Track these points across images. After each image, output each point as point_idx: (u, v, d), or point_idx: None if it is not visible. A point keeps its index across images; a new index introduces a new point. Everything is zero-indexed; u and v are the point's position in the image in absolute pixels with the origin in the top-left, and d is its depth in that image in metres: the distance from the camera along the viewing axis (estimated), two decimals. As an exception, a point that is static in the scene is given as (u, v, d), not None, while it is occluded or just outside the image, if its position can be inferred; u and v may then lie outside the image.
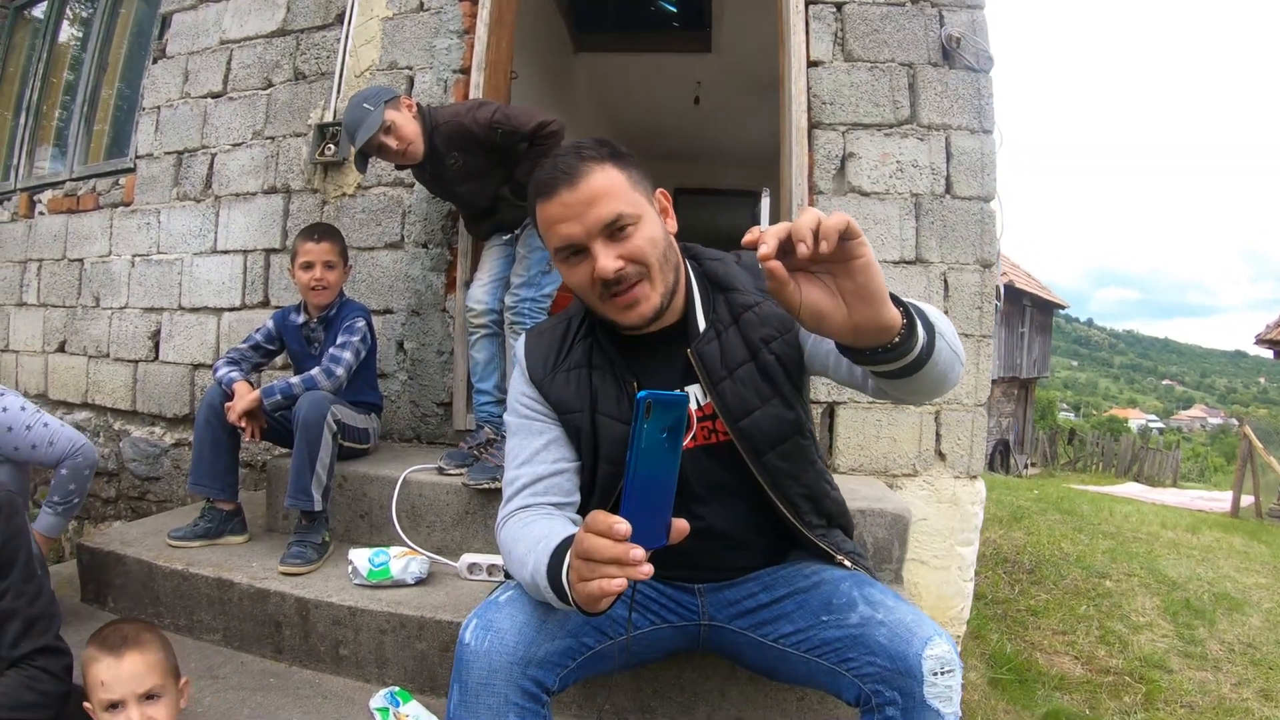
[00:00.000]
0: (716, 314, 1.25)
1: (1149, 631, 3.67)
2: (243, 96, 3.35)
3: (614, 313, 1.16)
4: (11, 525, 1.46)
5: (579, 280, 1.15)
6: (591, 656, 1.18)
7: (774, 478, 1.23)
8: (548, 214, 1.13)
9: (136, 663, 1.29)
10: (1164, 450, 19.04)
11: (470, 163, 2.35)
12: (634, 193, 1.15)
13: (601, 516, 0.81)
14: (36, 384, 3.99)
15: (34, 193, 4.18)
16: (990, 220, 2.56)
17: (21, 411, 2.02)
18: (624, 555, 0.80)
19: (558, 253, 1.16)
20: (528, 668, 1.07)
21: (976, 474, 2.51)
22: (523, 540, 1.12)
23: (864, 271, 0.82)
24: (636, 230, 1.12)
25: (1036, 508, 6.95)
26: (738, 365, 1.22)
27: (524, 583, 1.10)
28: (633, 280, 1.13)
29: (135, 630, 1.34)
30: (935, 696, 1.03)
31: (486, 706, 1.05)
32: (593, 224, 1.10)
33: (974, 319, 2.52)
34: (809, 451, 1.27)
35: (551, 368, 1.28)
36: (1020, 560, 4.79)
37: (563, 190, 1.11)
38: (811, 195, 2.55)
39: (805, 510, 1.27)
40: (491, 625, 1.09)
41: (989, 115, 2.58)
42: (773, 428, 1.22)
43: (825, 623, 1.16)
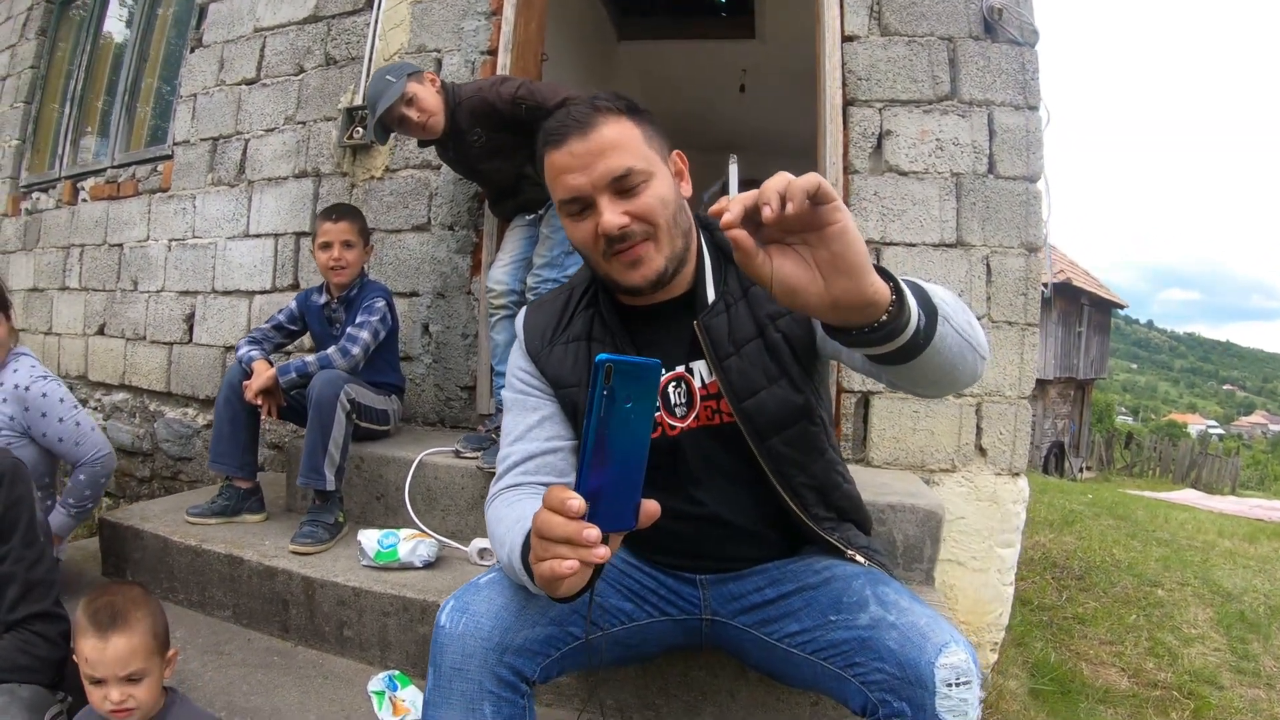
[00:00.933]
0: (727, 286, 1.16)
1: (1200, 644, 3.49)
2: (275, 83, 3.37)
3: (617, 272, 1.09)
4: (14, 491, 1.47)
5: (583, 236, 1.09)
6: (578, 647, 1.10)
7: (778, 464, 1.14)
8: (555, 163, 1.07)
9: (121, 647, 1.26)
10: (1223, 457, 18.29)
11: (493, 140, 2.30)
12: (647, 149, 1.08)
13: (556, 491, 0.73)
14: (77, 366, 4.08)
15: (77, 180, 4.29)
16: (1036, 202, 2.41)
17: (60, 403, 2.04)
18: (576, 535, 0.72)
19: (562, 206, 1.09)
20: (504, 655, 1.01)
21: (1019, 471, 2.37)
22: (504, 520, 1.05)
23: (839, 239, 0.73)
24: (647, 188, 1.06)
25: (1089, 512, 6.71)
26: (745, 341, 1.13)
27: (503, 565, 1.04)
28: (637, 239, 1.06)
29: (125, 605, 1.30)
30: (949, 710, 0.93)
31: (460, 693, 0.99)
32: (600, 177, 1.04)
33: (1018, 306, 2.37)
34: (818, 439, 1.17)
35: (549, 340, 1.21)
36: (1070, 565, 4.60)
37: (573, 139, 1.05)
38: (846, 175, 2.44)
39: (811, 502, 1.17)
40: (468, 608, 1.03)
41: (1034, 91, 2.43)
42: (779, 410, 1.12)
43: (833, 623, 1.07)
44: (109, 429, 3.84)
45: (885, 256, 2.42)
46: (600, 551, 0.72)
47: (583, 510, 0.72)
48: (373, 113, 2.24)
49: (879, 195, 2.44)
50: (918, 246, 2.41)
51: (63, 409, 2.04)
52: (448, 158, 2.51)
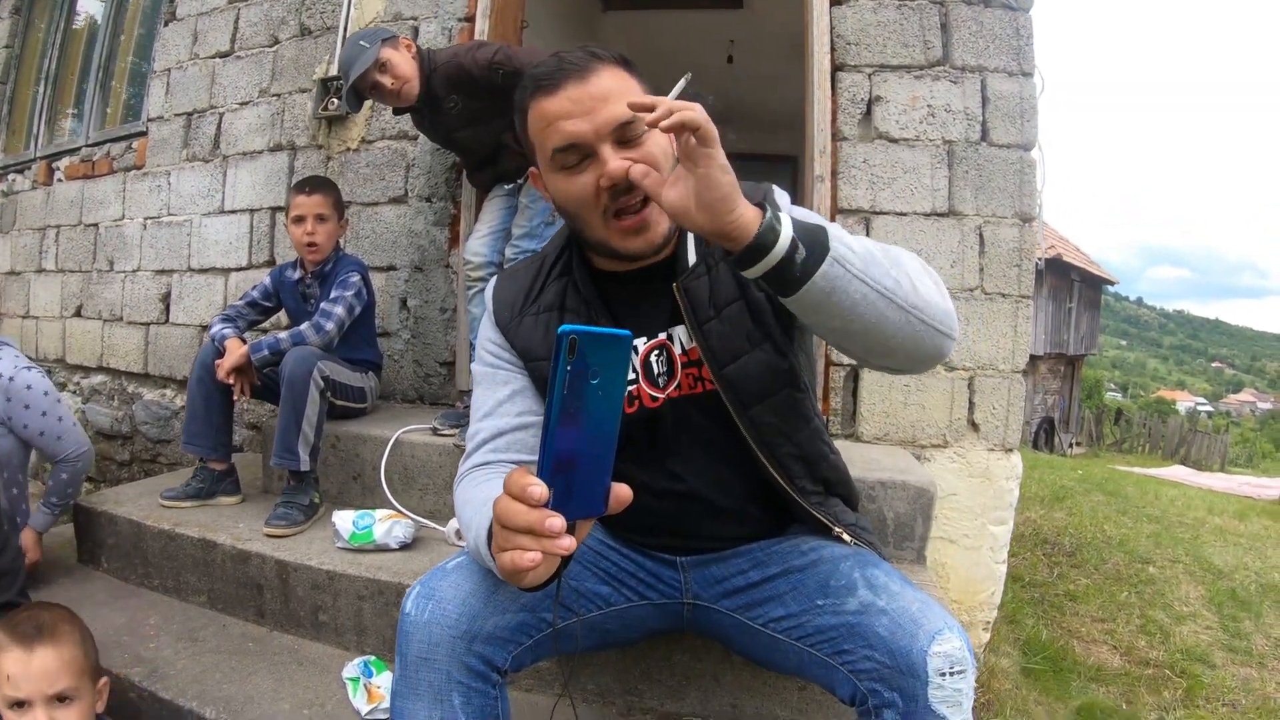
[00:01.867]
0: (709, 247, 1.08)
1: (1192, 623, 3.49)
2: (250, 55, 3.27)
3: (617, 238, 1.00)
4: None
5: (580, 191, 0.98)
6: (551, 634, 1.04)
7: (762, 434, 1.08)
8: (549, 109, 0.97)
9: (49, 659, 1.16)
10: (1212, 434, 18.41)
11: (470, 107, 2.22)
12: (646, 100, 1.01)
13: (517, 476, 0.67)
14: (55, 349, 4.00)
15: (52, 160, 4.18)
16: (1030, 170, 2.34)
17: (44, 396, 2.00)
18: (538, 524, 0.66)
19: (556, 156, 0.98)
20: (473, 643, 0.96)
21: (1012, 447, 2.33)
22: (471, 501, 0.99)
23: (703, 180, 0.84)
24: (649, 138, 0.98)
25: (1080, 488, 6.71)
26: (726, 304, 1.06)
27: (470, 549, 0.98)
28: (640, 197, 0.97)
29: (53, 620, 1.22)
30: (941, 701, 0.88)
31: (427, 683, 0.94)
32: (604, 123, 0.95)
33: (1011, 278, 2.32)
34: (803, 407, 1.10)
35: (518, 311, 1.14)
36: (1061, 542, 4.59)
37: (570, 83, 0.96)
38: (835, 141, 2.37)
39: (798, 474, 1.11)
40: (434, 594, 0.98)
41: (1029, 57, 2.36)
42: (762, 376, 1.06)
43: (820, 607, 1.01)
44: (87, 412, 3.77)
45: (875, 225, 2.36)
46: (564, 543, 0.67)
47: (544, 498, 0.66)
48: (346, 80, 2.17)
49: (868, 163, 2.37)
50: (908, 215, 2.34)
51: (46, 402, 2.00)
52: (424, 126, 2.43)
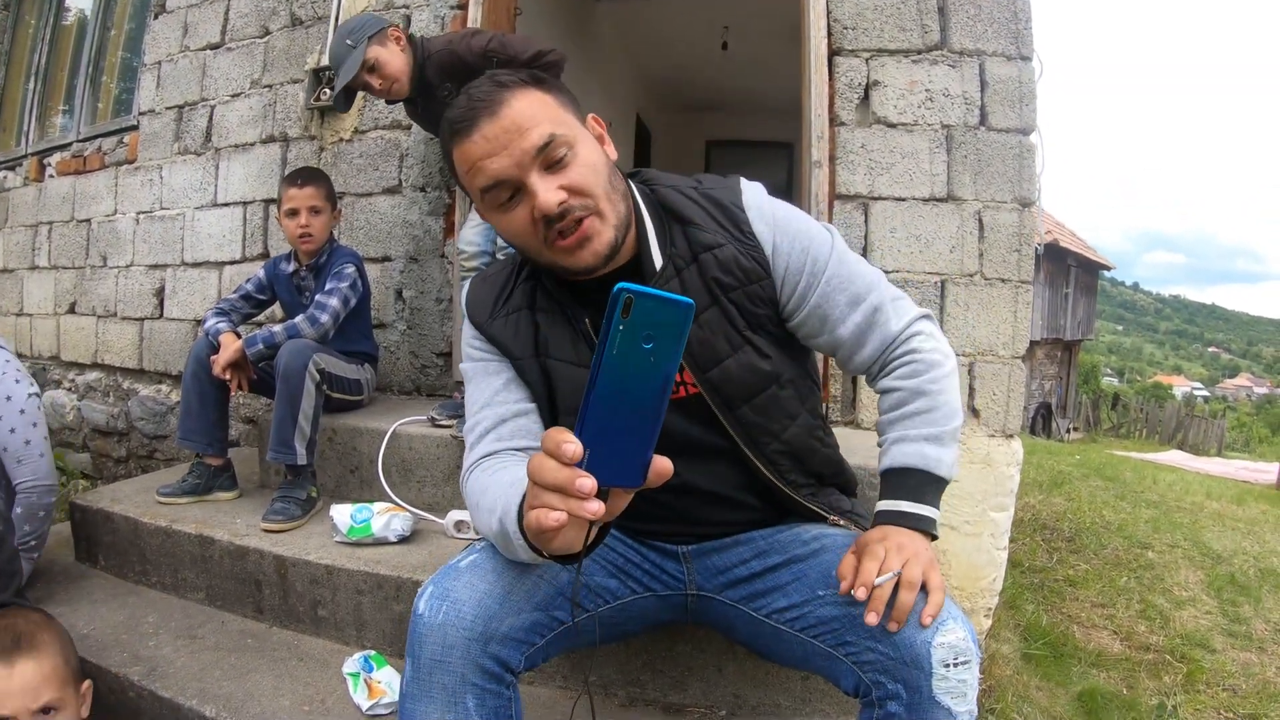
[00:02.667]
0: (675, 248, 1.06)
1: (1191, 607, 3.49)
2: (240, 46, 3.25)
3: (563, 257, 0.98)
4: None
5: (518, 226, 0.98)
6: (564, 631, 1.03)
7: (750, 433, 1.07)
8: (468, 153, 0.96)
9: (30, 672, 1.13)
10: (1209, 419, 18.45)
11: None
12: (564, 113, 0.99)
13: (553, 432, 0.64)
14: (50, 346, 3.97)
15: (43, 156, 4.15)
16: (1030, 155, 2.32)
17: (20, 414, 1.86)
18: (568, 483, 0.63)
19: (486, 196, 0.97)
20: (488, 644, 0.94)
21: (1013, 433, 2.32)
22: (492, 487, 0.97)
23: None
24: (574, 156, 0.96)
25: (1078, 473, 6.72)
26: (702, 309, 1.04)
27: (492, 536, 0.96)
28: (579, 215, 0.96)
29: (30, 628, 1.18)
30: (946, 692, 0.87)
31: (440, 686, 0.92)
32: (525, 152, 0.94)
33: (1011, 263, 2.30)
34: (789, 404, 1.09)
35: (490, 314, 1.12)
36: (1059, 527, 4.60)
37: (482, 121, 0.94)
38: (833, 126, 2.35)
39: (787, 469, 1.10)
40: (448, 595, 0.95)
41: (1027, 40, 2.33)
42: (745, 378, 1.05)
43: (822, 598, 1.01)
44: (83, 409, 3.75)
45: (874, 211, 2.34)
46: (592, 506, 0.63)
47: (578, 456, 0.62)
48: (334, 83, 2.15)
49: (866, 148, 2.35)
50: (907, 201, 2.32)
51: (20, 420, 1.86)
52: (417, 115, 2.40)
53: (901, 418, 1.09)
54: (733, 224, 1.07)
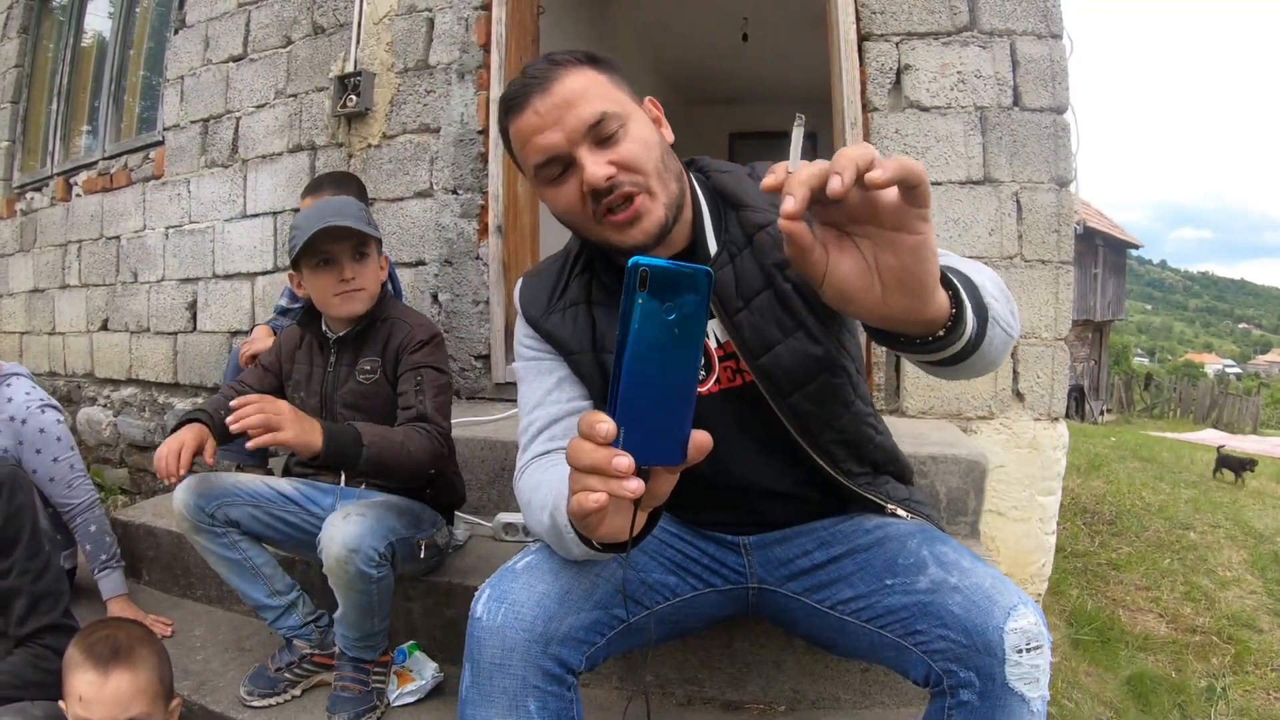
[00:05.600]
0: (729, 234, 1.05)
1: (1236, 587, 3.46)
2: (263, 56, 3.27)
3: (613, 233, 0.98)
4: (14, 502, 1.41)
5: (568, 201, 0.98)
6: (624, 630, 1.02)
7: (803, 422, 1.05)
8: (521, 129, 0.97)
9: (123, 685, 1.13)
10: (1243, 396, 18.13)
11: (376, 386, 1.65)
12: (618, 92, 0.99)
13: (586, 414, 0.62)
14: (83, 364, 4.03)
15: (69, 175, 4.21)
16: (1065, 134, 2.29)
17: (58, 442, 1.87)
18: (604, 463, 0.60)
19: (539, 172, 0.99)
20: (549, 646, 0.93)
21: (1058, 416, 2.28)
22: (544, 484, 0.96)
23: (913, 253, 0.64)
24: (626, 132, 0.96)
25: (1114, 455, 6.64)
26: (754, 294, 1.03)
27: (545, 533, 0.95)
28: (629, 192, 0.95)
29: (129, 641, 1.18)
30: (1019, 678, 0.86)
31: (502, 690, 0.90)
32: (575, 128, 0.94)
33: (1050, 244, 2.26)
34: (842, 392, 1.07)
35: (546, 308, 1.11)
36: (1100, 510, 4.54)
37: (535, 97, 0.95)
38: (866, 113, 2.32)
39: (842, 458, 1.08)
40: (506, 597, 0.94)
41: (1056, 18, 2.30)
42: (797, 365, 1.03)
43: (890, 587, 0.99)
44: (119, 425, 3.80)
45: (910, 198, 2.31)
46: (631, 485, 0.61)
47: (612, 434, 0.61)
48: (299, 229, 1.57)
49: (900, 133, 2.32)
50: (944, 185, 2.29)
51: (59, 448, 1.86)
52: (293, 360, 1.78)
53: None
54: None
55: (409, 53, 2.88)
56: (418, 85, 2.86)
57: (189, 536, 1.52)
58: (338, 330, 1.62)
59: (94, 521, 1.91)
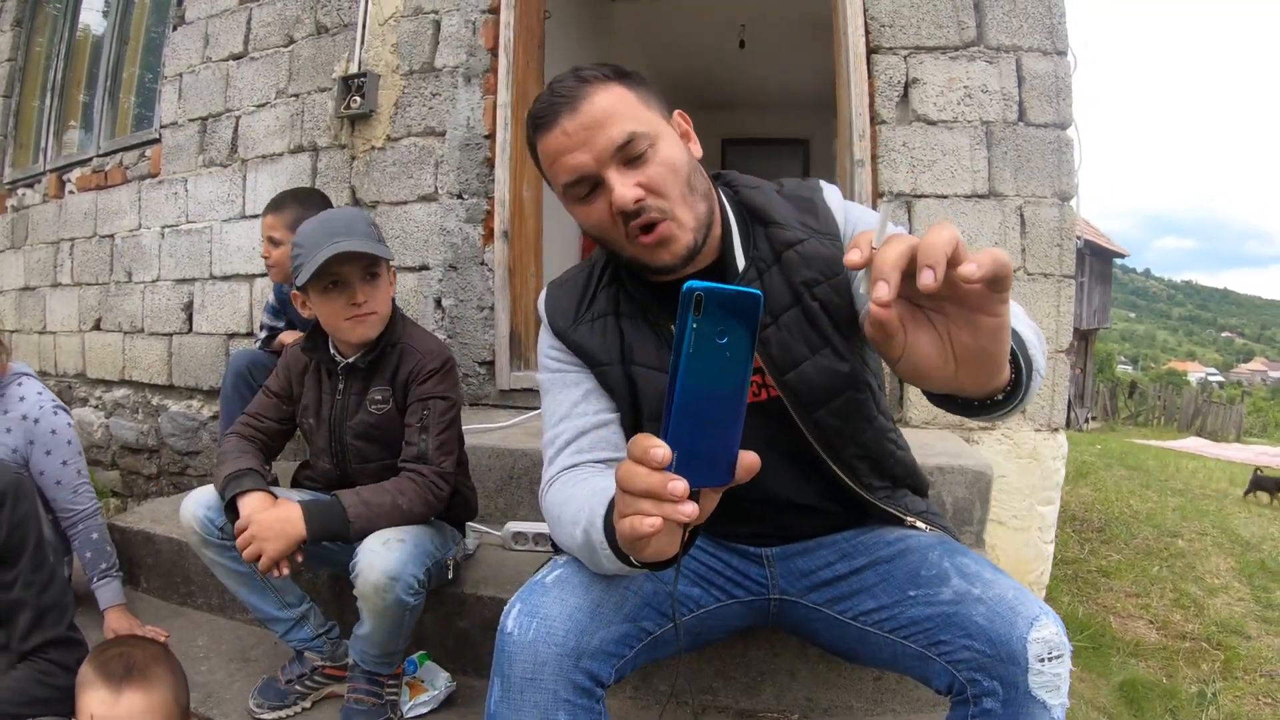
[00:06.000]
0: (757, 250, 1.06)
1: (1225, 594, 3.52)
2: (264, 55, 3.24)
3: (644, 254, 0.99)
4: (19, 511, 1.36)
5: (598, 219, 0.99)
6: (651, 643, 1.03)
7: (827, 438, 1.06)
8: (549, 148, 0.98)
9: (136, 704, 1.10)
10: (1227, 404, 18.38)
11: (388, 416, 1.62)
12: (646, 111, 0.99)
13: (640, 439, 0.62)
14: (75, 364, 3.98)
15: (62, 172, 4.16)
16: (1068, 149, 2.32)
17: (68, 445, 1.86)
18: (660, 488, 0.61)
19: (568, 190, 1.00)
20: (580, 659, 0.93)
21: (1059, 426, 2.31)
22: (575, 498, 0.96)
23: (991, 335, 0.65)
24: (654, 153, 0.97)
25: (1101, 462, 6.73)
26: (782, 310, 1.04)
27: (574, 548, 0.95)
28: (654, 217, 0.96)
29: (143, 659, 1.15)
30: (1041, 686, 0.88)
31: (532, 704, 0.90)
32: (604, 148, 0.95)
33: (1053, 257, 2.29)
34: (866, 408, 1.09)
35: (574, 319, 1.11)
36: (1089, 518, 4.61)
37: (563, 117, 0.96)
38: (874, 125, 2.34)
39: (864, 473, 1.10)
40: (537, 611, 0.94)
41: (1062, 35, 2.33)
42: (824, 381, 1.04)
43: (913, 598, 1.01)
44: (111, 426, 3.75)
45: (917, 208, 2.33)
46: (687, 509, 0.62)
47: (667, 459, 0.61)
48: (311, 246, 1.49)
49: (908, 146, 2.34)
50: (949, 198, 2.32)
51: (69, 451, 1.85)
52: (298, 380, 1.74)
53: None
54: (813, 219, 1.08)
55: (415, 55, 2.86)
56: (423, 88, 2.84)
57: (198, 550, 1.48)
58: (347, 355, 1.56)
59: (95, 529, 1.88)
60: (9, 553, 1.35)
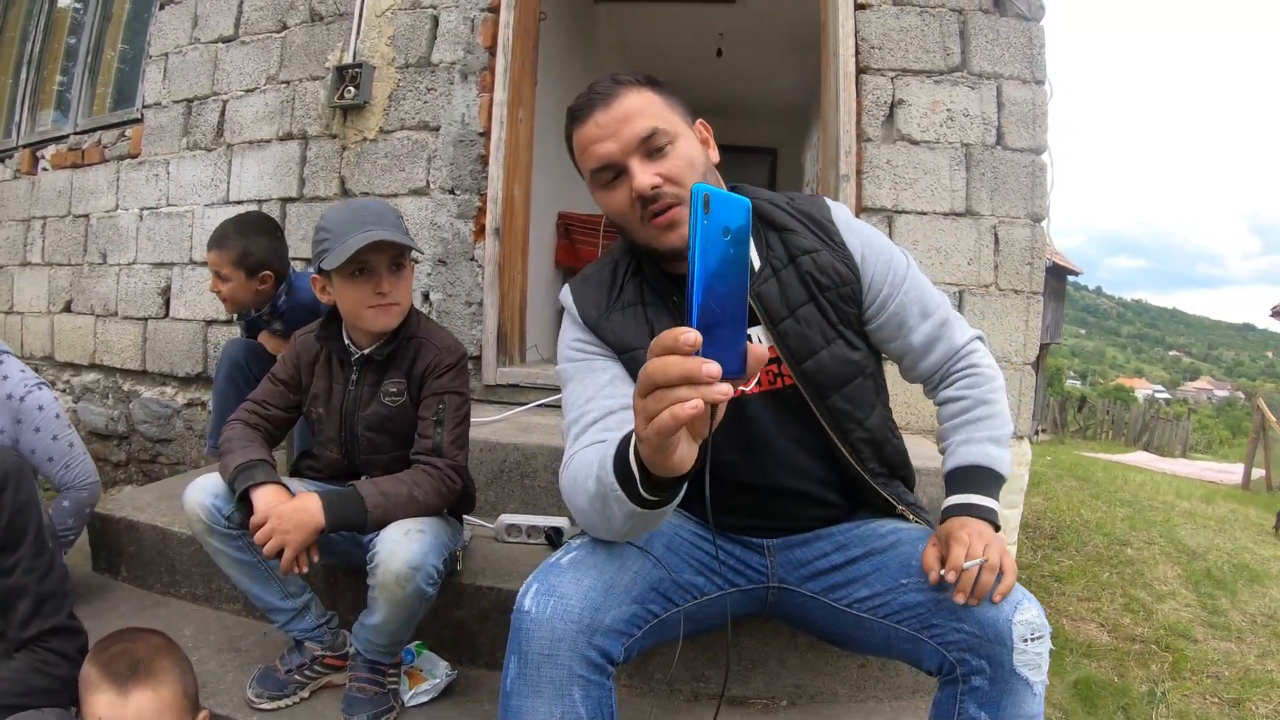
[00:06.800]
0: (772, 251, 1.18)
1: (1172, 600, 3.65)
2: (255, 40, 3.21)
3: (656, 236, 1.10)
4: (20, 495, 1.34)
5: (619, 204, 1.11)
6: (657, 625, 1.10)
7: (837, 420, 1.17)
8: (582, 137, 1.11)
9: (145, 703, 1.08)
10: (1173, 420, 19.01)
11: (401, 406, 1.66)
12: (670, 113, 1.11)
13: (667, 333, 0.64)
14: (43, 346, 3.89)
15: (37, 148, 4.05)
16: (1041, 173, 2.46)
17: (56, 419, 1.84)
18: (696, 371, 0.62)
19: (595, 177, 1.12)
20: (594, 636, 0.98)
21: (1024, 435, 2.44)
22: (590, 461, 0.98)
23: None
24: (674, 149, 1.09)
25: (1052, 473, 6.94)
26: (799, 305, 1.15)
27: (586, 507, 0.97)
28: (670, 201, 1.07)
29: (149, 654, 1.12)
30: (1025, 664, 0.98)
31: (549, 679, 0.95)
32: (628, 140, 1.07)
33: (1024, 275, 2.42)
34: (870, 394, 1.21)
35: (605, 308, 1.20)
36: (1042, 526, 4.77)
37: (597, 111, 1.09)
38: (860, 143, 2.44)
39: (867, 456, 1.20)
40: (554, 590, 0.99)
41: (1040, 65, 2.47)
42: (838, 368, 1.16)
43: (905, 586, 1.10)
44: (80, 411, 3.68)
45: (898, 224, 2.44)
46: (723, 388, 0.63)
47: (699, 343, 0.63)
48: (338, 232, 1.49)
49: (891, 163, 2.44)
50: (928, 215, 2.43)
51: (58, 425, 1.83)
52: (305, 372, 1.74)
53: (966, 423, 1.21)
54: (825, 234, 1.19)
55: (411, 48, 2.88)
56: (418, 82, 2.86)
57: (201, 538, 1.46)
58: (363, 346, 1.55)
59: (70, 497, 1.85)
60: (11, 537, 1.32)
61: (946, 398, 1.25)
